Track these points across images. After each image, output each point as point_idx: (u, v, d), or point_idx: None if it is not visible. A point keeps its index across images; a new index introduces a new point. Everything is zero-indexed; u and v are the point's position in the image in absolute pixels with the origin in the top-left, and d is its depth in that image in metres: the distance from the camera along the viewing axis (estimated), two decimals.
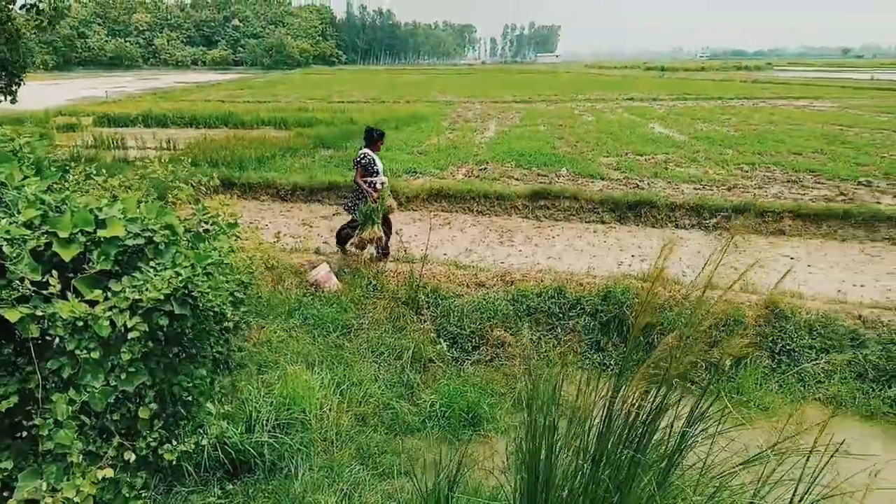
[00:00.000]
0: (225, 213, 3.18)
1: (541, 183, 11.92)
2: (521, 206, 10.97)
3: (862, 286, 7.53)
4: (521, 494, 2.29)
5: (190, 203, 3.34)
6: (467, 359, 6.54)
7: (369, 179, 7.81)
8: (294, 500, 3.93)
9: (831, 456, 2.23)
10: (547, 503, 2.20)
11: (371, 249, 8.12)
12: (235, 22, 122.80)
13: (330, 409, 4.93)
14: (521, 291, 7.19)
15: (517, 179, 12.62)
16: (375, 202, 7.68)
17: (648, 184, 11.98)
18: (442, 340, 6.64)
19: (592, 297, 6.90)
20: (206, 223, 3.05)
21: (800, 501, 2.24)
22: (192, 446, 3.30)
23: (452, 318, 6.88)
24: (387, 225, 8.12)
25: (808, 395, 5.79)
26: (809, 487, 2.27)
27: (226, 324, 3.25)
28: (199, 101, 30.84)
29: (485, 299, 7.12)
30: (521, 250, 9.00)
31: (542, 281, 7.39)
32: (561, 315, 6.95)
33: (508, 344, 6.69)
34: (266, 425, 4.52)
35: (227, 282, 2.91)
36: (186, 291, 2.69)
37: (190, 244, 2.89)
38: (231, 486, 4.08)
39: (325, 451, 4.60)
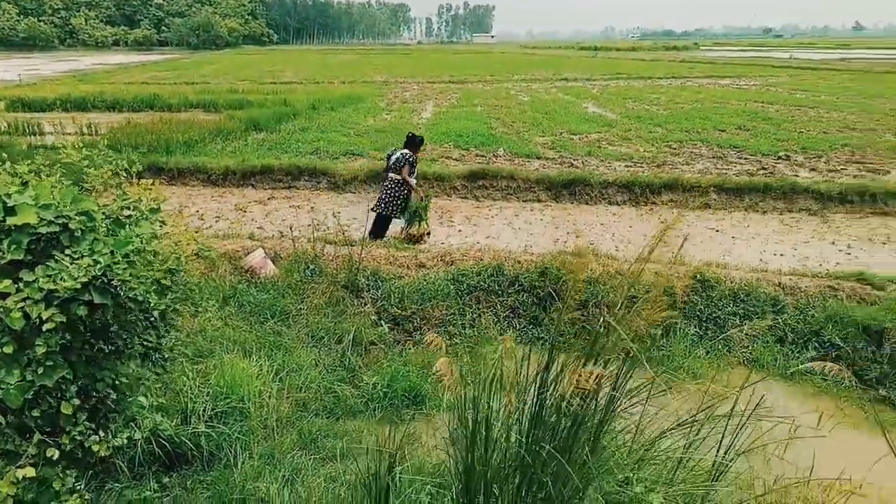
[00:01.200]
0: (147, 198, 3.04)
1: (479, 163, 11.98)
2: (460, 187, 11.01)
3: (781, 255, 7.95)
4: (460, 469, 2.32)
5: (110, 189, 3.18)
6: (409, 339, 6.55)
7: (411, 179, 8.19)
8: (234, 489, 3.86)
9: (749, 415, 2.36)
10: (485, 475, 2.24)
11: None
12: (158, 0, 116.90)
13: (270, 397, 4.84)
14: (462, 271, 7.24)
15: (455, 160, 12.64)
16: (423, 199, 8.20)
17: (583, 162, 12.23)
18: (383, 322, 6.62)
19: (530, 273, 7.01)
20: (128, 208, 2.91)
21: (724, 455, 2.36)
22: (125, 441, 3.18)
23: (393, 300, 6.86)
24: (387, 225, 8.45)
25: (733, 360, 6.10)
26: (732, 443, 2.39)
27: (153, 313, 3.12)
28: (121, 83, 29.30)
29: (426, 280, 7.13)
30: (460, 230, 9.05)
31: (481, 260, 7.45)
32: (500, 292, 7.04)
33: (450, 323, 6.74)
34: (203, 416, 4.41)
35: (152, 269, 2.79)
36: (106, 280, 2.56)
37: (109, 231, 2.75)
38: (168, 480, 3.97)
39: (265, 439, 4.53)
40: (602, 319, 2.63)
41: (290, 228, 7.89)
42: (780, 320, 6.43)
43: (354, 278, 6.92)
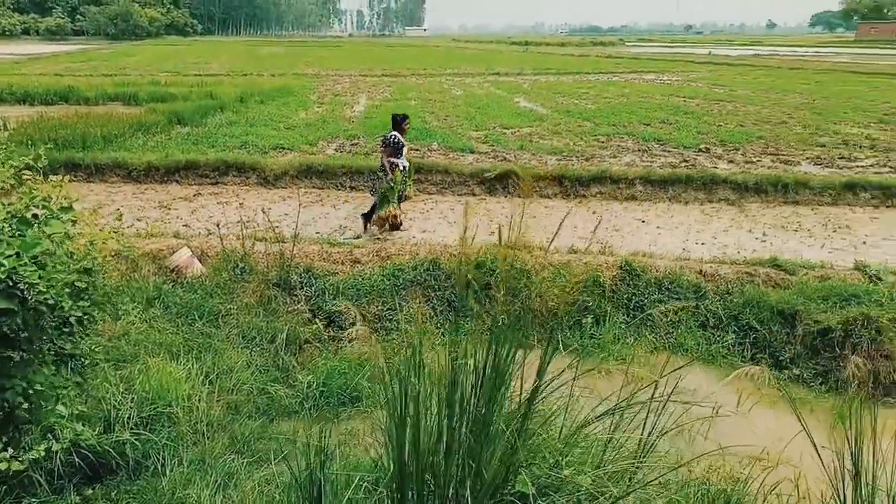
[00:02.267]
0: (58, 195, 2.87)
1: (413, 157, 11.94)
2: None
3: (703, 244, 8.33)
4: (392, 463, 2.32)
5: (14, 188, 2.98)
6: (344, 337, 6.48)
7: (392, 160, 8.22)
8: (163, 497, 3.72)
9: (668, 397, 2.46)
10: (416, 467, 2.24)
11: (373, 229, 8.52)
12: None
13: (199, 400, 4.68)
14: (397, 266, 7.22)
15: (382, 151, 12.55)
16: (391, 182, 8.04)
17: (515, 156, 12.41)
18: (318, 320, 6.52)
19: (466, 267, 7.06)
20: (36, 207, 2.73)
21: (649, 435, 2.45)
22: (42, 453, 3.01)
23: (328, 297, 6.77)
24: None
25: (659, 345, 6.35)
26: (656, 424, 2.49)
27: (68, 318, 2.96)
28: (32, 75, 27.50)
29: (361, 276, 7.07)
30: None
31: (417, 254, 7.45)
32: (436, 286, 7.06)
33: (387, 318, 6.71)
34: (128, 423, 4.22)
35: (65, 271, 2.64)
36: (11, 283, 2.40)
37: (15, 231, 2.58)
38: (91, 491, 3.78)
39: (195, 444, 4.38)
40: (531, 308, 2.69)
41: (218, 226, 7.65)
42: (701, 306, 6.74)
43: (287, 276, 6.78)
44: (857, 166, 11.95)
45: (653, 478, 2.58)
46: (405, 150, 8.49)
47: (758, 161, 12.19)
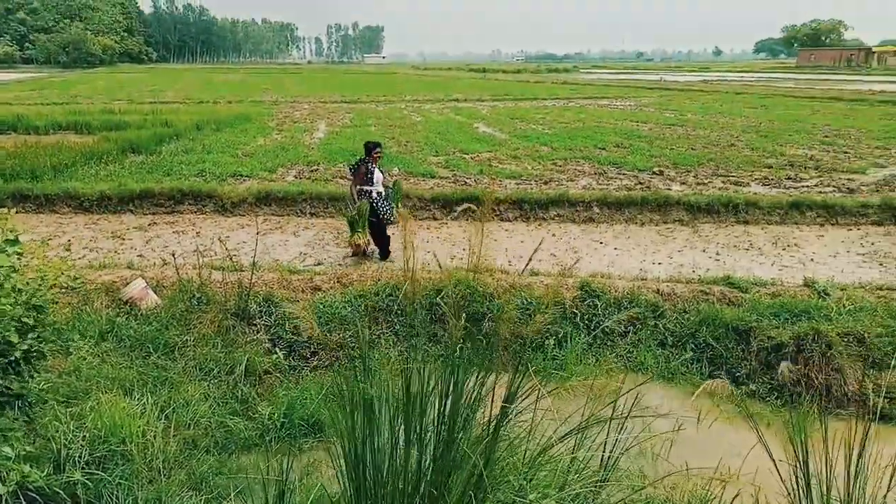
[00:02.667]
0: (4, 228, 2.77)
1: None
2: None
3: (659, 263, 8.52)
4: (353, 494, 2.28)
5: None
6: (306, 366, 6.38)
7: (362, 188, 8.26)
8: None
9: (628, 415, 2.49)
10: (377, 494, 2.21)
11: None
12: (21, 14, 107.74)
13: (154, 436, 4.52)
14: (359, 292, 7.16)
15: (350, 179, 12.53)
16: (353, 210, 8.18)
17: (475, 180, 12.54)
18: (278, 350, 6.40)
19: (427, 291, 7.05)
20: None
21: (611, 455, 2.47)
22: None
23: (288, 326, 6.66)
24: (380, 233, 8.52)
25: (620, 365, 6.43)
26: (617, 443, 2.51)
27: (14, 355, 2.84)
28: None
29: (321, 303, 6.98)
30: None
31: (379, 280, 7.41)
32: (399, 312, 7.02)
33: (348, 346, 6.63)
34: (79, 462, 4.04)
35: (11, 307, 2.54)
36: None
37: None
38: None
39: (150, 483, 4.22)
40: (493, 332, 2.70)
41: (174, 255, 7.47)
42: (660, 325, 6.87)
43: (245, 305, 6.65)
44: (803, 186, 12.46)
45: (617, 498, 2.60)
46: (379, 177, 8.40)
47: (709, 182, 12.59)
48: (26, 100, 29.99)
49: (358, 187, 8.30)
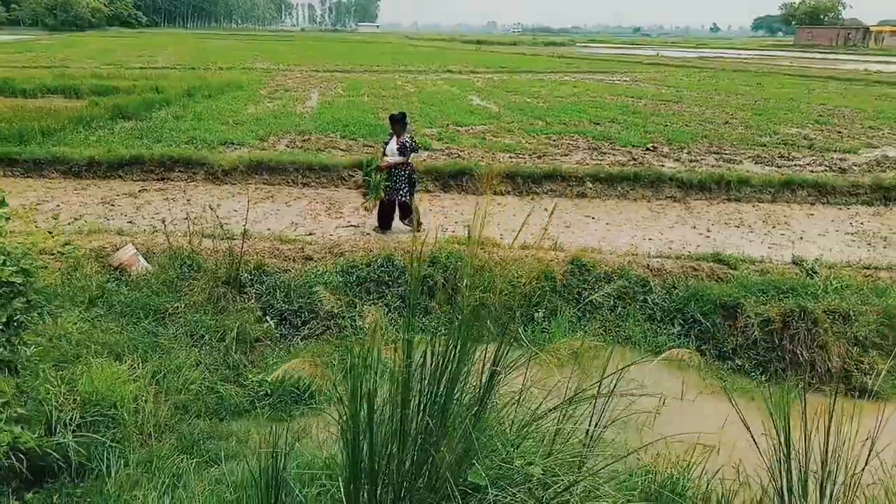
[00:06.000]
0: None
1: (367, 153, 11.86)
2: (348, 177, 10.85)
3: (650, 239, 8.56)
4: (347, 460, 2.32)
5: None
6: (297, 334, 6.41)
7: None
8: (108, 499, 3.61)
9: (613, 387, 2.53)
10: (370, 461, 2.25)
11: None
12: None
13: (146, 401, 4.55)
14: (351, 262, 7.17)
15: (343, 150, 12.46)
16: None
17: (468, 153, 12.47)
18: (269, 318, 6.43)
19: (419, 263, 7.07)
20: None
21: (597, 425, 2.52)
22: None
23: (279, 295, 6.67)
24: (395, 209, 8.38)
25: (608, 338, 6.50)
26: (604, 414, 2.56)
27: (4, 320, 2.84)
28: None
29: (313, 273, 6.99)
30: (349, 221, 8.95)
31: (371, 251, 7.42)
32: (390, 283, 7.05)
33: (340, 315, 6.66)
34: (70, 425, 4.07)
35: None
36: None
37: None
38: (31, 496, 3.64)
39: (142, 446, 4.26)
40: (486, 303, 2.72)
41: (164, 222, 7.43)
42: (649, 300, 6.93)
43: (236, 273, 6.65)
44: (796, 165, 12.49)
45: (602, 466, 2.65)
46: (391, 149, 8.23)
47: (702, 160, 12.59)
48: (12, 63, 29.39)
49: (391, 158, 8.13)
